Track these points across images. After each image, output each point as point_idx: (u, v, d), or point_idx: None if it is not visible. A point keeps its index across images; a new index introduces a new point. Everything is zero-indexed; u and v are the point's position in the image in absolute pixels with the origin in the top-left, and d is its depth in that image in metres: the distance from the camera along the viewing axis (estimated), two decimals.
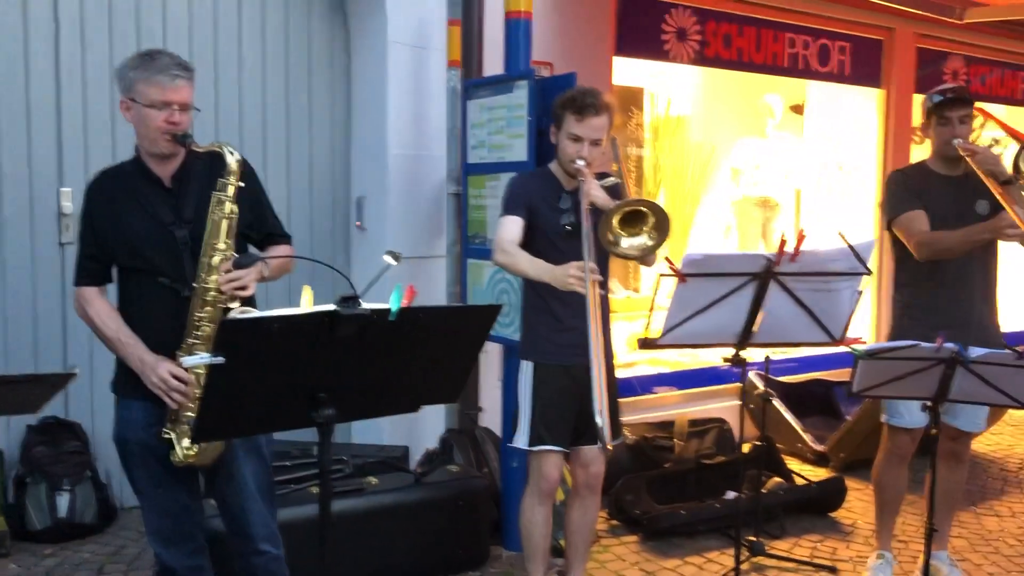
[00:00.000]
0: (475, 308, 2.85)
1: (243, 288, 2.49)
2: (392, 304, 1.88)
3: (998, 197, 3.26)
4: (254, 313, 2.21)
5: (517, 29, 3.96)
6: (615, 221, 2.86)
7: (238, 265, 2.48)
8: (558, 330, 3.19)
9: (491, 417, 4.41)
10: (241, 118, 4.46)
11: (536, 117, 3.73)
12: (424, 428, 4.50)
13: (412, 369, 2.09)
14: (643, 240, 2.90)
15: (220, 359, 1.79)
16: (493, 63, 4.37)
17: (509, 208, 3.19)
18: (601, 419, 2.65)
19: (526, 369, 3.25)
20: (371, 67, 4.58)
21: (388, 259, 2.33)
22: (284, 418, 2.04)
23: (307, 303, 2.05)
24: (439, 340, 2.08)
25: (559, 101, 3.16)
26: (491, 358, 4.54)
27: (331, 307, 1.85)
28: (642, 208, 2.89)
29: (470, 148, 4.16)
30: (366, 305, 1.87)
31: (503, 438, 4.08)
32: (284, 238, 2.83)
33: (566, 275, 2.90)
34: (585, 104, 3.07)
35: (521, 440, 3.23)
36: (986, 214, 3.47)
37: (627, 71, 6.25)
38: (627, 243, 2.91)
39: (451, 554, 3.75)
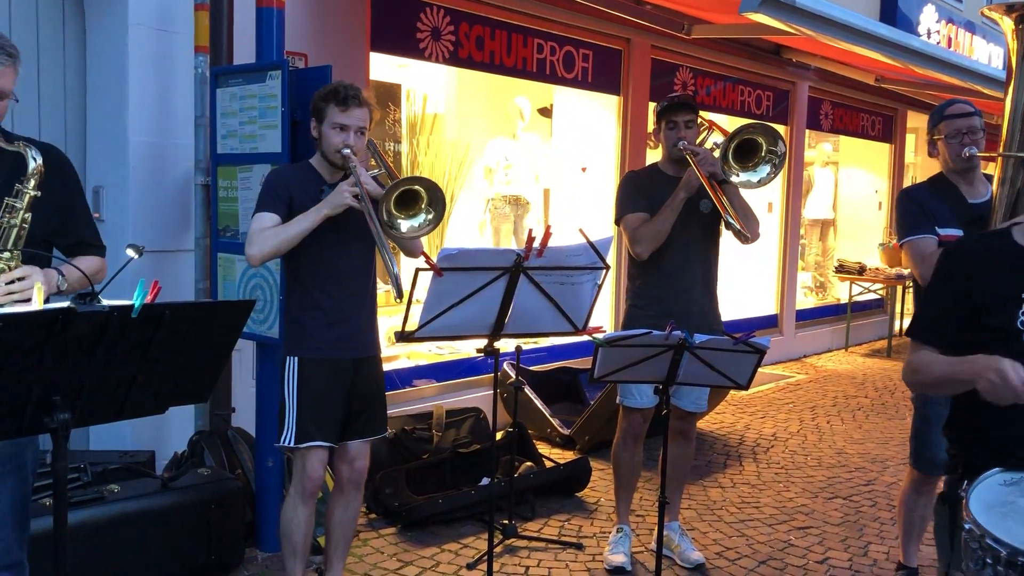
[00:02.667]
0: (226, 304, 2.76)
1: (24, 301, 2.27)
2: (135, 300, 1.81)
3: (709, 191, 3.62)
4: None
5: (269, 18, 3.86)
6: (391, 204, 2.93)
7: None
8: (325, 324, 3.18)
9: (244, 417, 4.28)
10: None
11: (290, 108, 3.67)
12: (172, 431, 4.29)
13: (158, 368, 2.01)
14: (422, 218, 2.99)
15: None
16: (245, 51, 4.23)
17: (266, 204, 3.11)
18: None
19: (291, 365, 3.20)
20: (109, 49, 4.28)
21: (131, 252, 2.21)
22: (13, 424, 1.89)
23: (38, 300, 1.92)
24: (187, 338, 2.02)
25: (320, 95, 3.15)
26: (244, 356, 4.40)
27: (66, 304, 1.74)
28: (414, 187, 2.96)
29: (220, 138, 4.01)
30: (106, 302, 1.79)
31: (257, 438, 3.98)
32: (96, 248, 2.61)
33: (340, 193, 2.99)
34: (348, 96, 3.10)
35: (288, 437, 3.17)
36: (707, 212, 3.84)
37: (384, 67, 6.27)
38: (407, 225, 2.99)
39: (203, 560, 3.61)
